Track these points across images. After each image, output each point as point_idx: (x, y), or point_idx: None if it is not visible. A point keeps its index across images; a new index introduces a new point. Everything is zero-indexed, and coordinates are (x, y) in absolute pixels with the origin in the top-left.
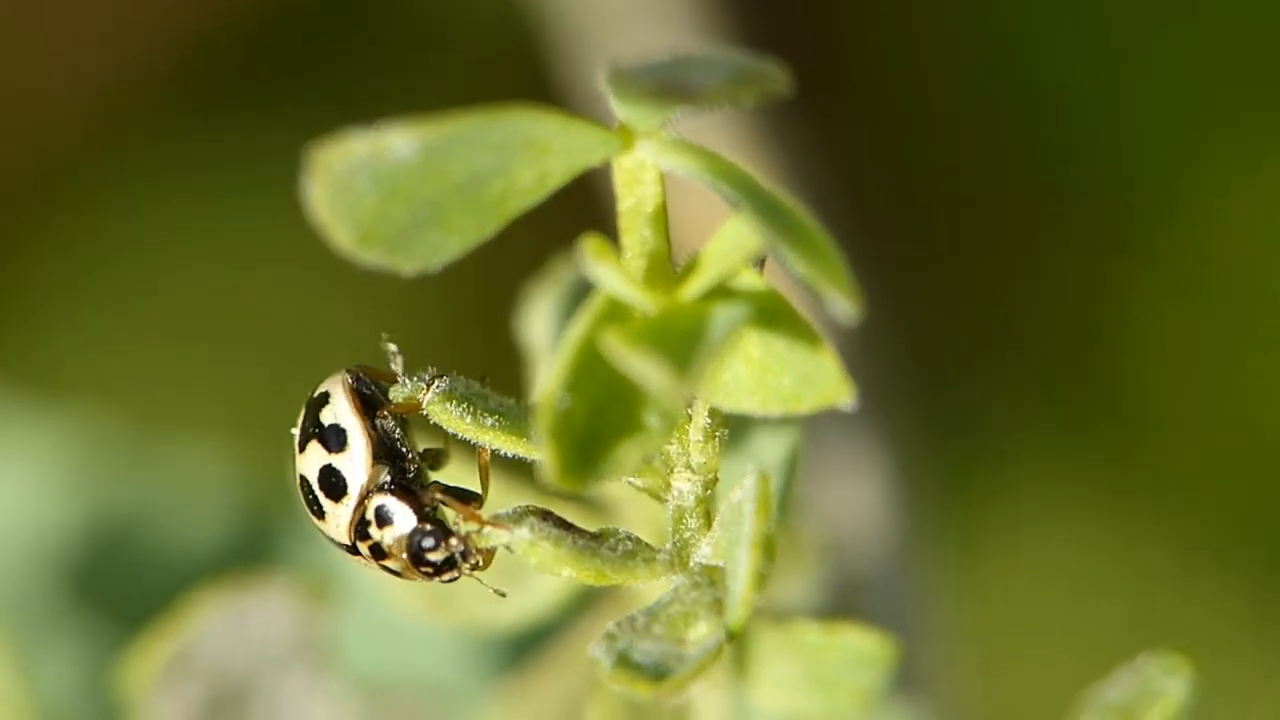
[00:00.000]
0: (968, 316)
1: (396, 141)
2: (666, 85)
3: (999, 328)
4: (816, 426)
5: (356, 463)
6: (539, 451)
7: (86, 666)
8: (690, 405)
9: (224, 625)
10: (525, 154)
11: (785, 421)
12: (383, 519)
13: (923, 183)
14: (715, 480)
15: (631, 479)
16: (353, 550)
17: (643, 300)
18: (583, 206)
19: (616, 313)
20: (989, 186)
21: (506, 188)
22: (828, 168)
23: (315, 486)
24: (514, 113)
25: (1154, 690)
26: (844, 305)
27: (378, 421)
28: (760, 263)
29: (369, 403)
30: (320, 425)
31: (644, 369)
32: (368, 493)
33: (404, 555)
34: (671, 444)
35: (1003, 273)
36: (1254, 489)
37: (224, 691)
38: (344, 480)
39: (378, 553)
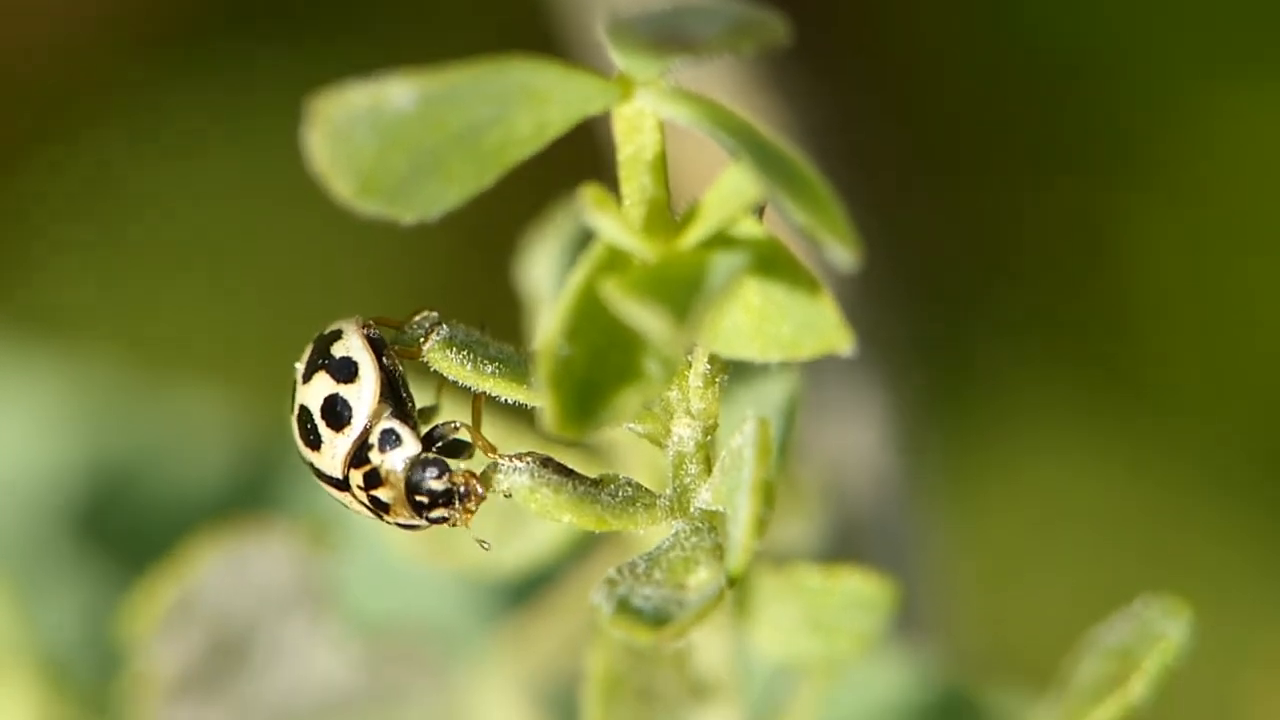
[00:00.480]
0: (963, 247)
1: (396, 92)
2: (665, 35)
3: (996, 258)
4: (815, 368)
5: (365, 392)
6: (539, 399)
7: (86, 610)
8: (690, 352)
9: (225, 571)
10: (524, 103)
11: (785, 367)
12: (386, 443)
13: (920, 115)
14: (715, 426)
15: (632, 425)
16: (341, 485)
17: (642, 248)
18: (584, 155)
19: (616, 261)
20: (985, 120)
21: (505, 137)
22: (828, 114)
23: (317, 415)
24: (513, 63)
25: (1153, 633)
26: (843, 254)
27: (384, 360)
28: (759, 211)
29: (377, 344)
30: (330, 357)
31: (643, 317)
32: (373, 420)
33: (401, 485)
34: (671, 390)
35: (999, 202)
36: (1261, 419)
37: (225, 637)
38: (350, 409)
39: (372, 480)
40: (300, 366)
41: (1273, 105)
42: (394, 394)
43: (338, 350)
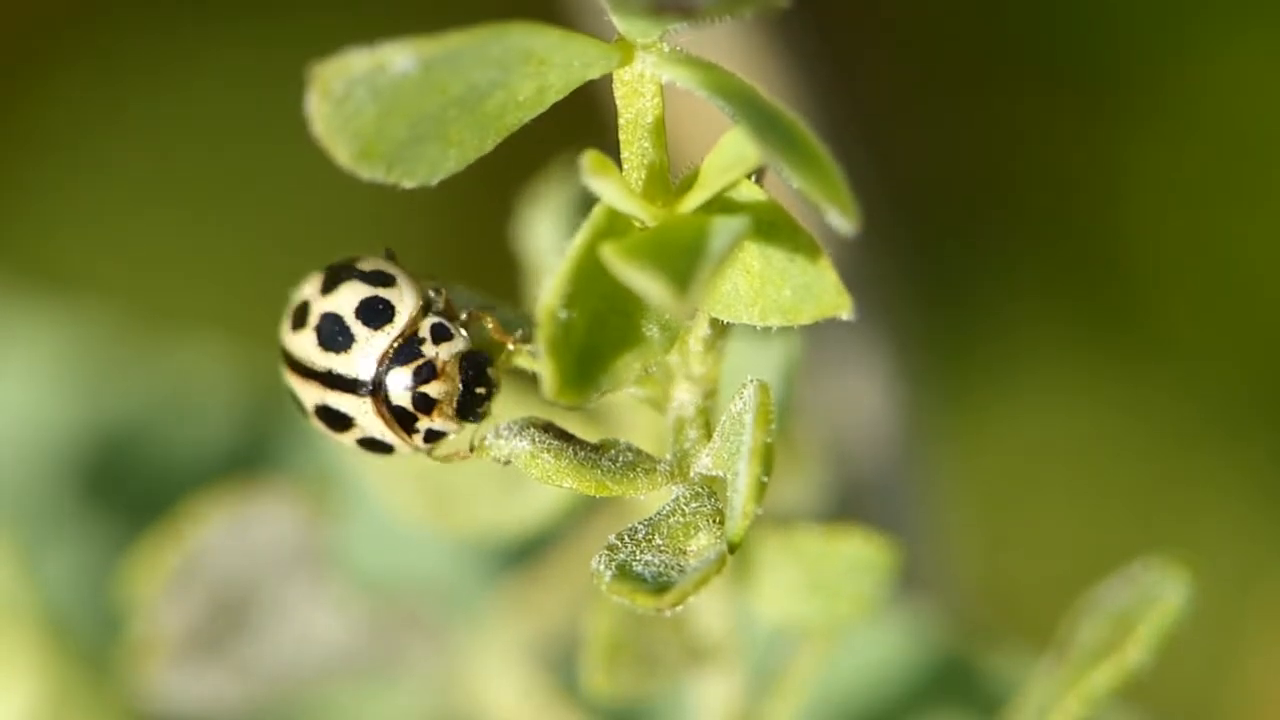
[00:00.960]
0: (960, 179)
1: (396, 57)
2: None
3: (994, 191)
4: (815, 325)
5: (406, 293)
6: (539, 364)
7: (88, 568)
8: (690, 317)
9: (227, 532)
10: (524, 68)
11: (784, 330)
12: (440, 335)
13: (918, 41)
14: (715, 390)
15: (632, 390)
16: (370, 389)
17: (642, 213)
18: (583, 120)
19: (616, 225)
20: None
21: (505, 101)
22: (830, 76)
23: (350, 317)
24: (513, 27)
25: (1151, 597)
26: (842, 219)
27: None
28: (759, 175)
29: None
30: (358, 270)
31: (643, 281)
32: (418, 317)
33: (457, 377)
34: (671, 355)
35: (998, 132)
36: (1262, 357)
37: (227, 598)
38: (392, 307)
39: (424, 375)
40: (312, 287)
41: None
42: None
43: (365, 265)
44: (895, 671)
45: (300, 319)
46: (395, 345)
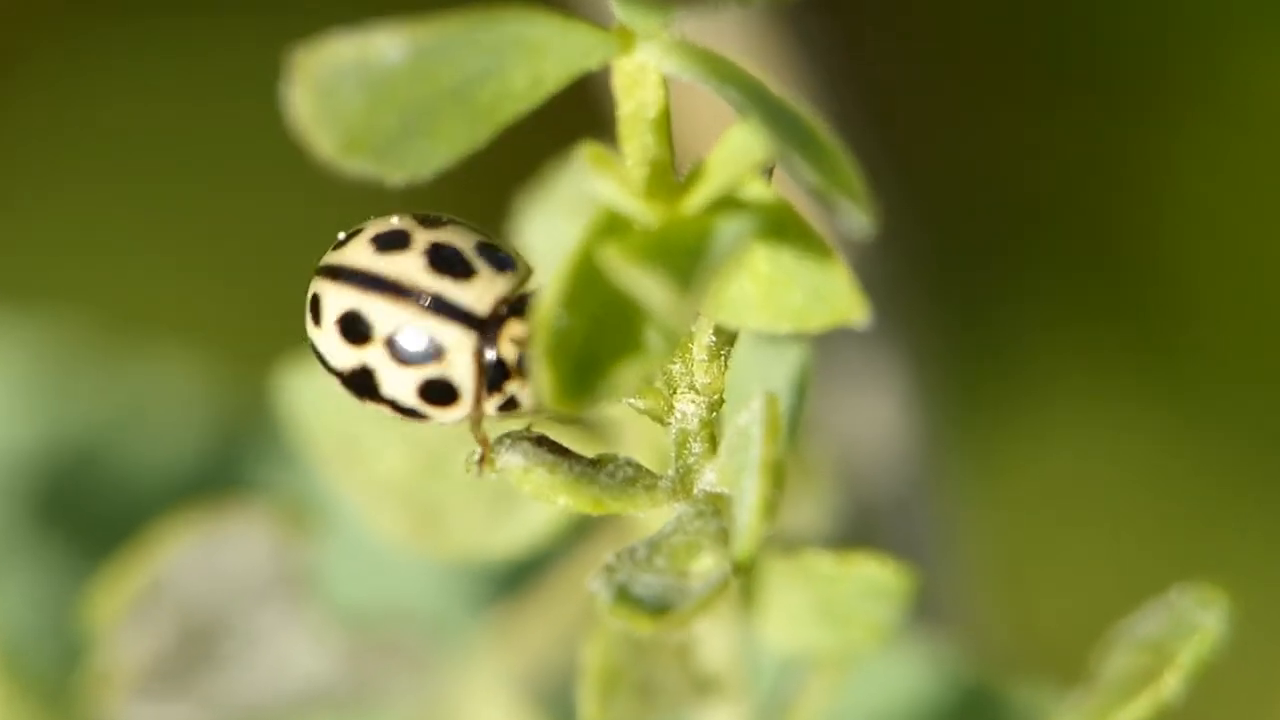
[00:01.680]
0: (986, 193)
1: (384, 44)
2: None
3: (1021, 205)
4: (828, 333)
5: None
6: (536, 372)
7: (47, 594)
8: (694, 323)
9: (196, 555)
10: (519, 57)
11: (795, 337)
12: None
13: (941, 47)
14: (721, 402)
15: (632, 401)
16: (480, 325)
17: (644, 212)
18: (581, 111)
19: (616, 226)
20: (1010, 54)
21: (499, 92)
22: (843, 58)
23: (470, 251)
24: (507, 13)
25: (1188, 624)
26: (857, 218)
27: None
28: (768, 172)
29: None
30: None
31: (645, 285)
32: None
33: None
34: (674, 364)
35: (1025, 142)
36: None
37: (195, 626)
38: (509, 257)
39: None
40: (402, 220)
41: None
42: None
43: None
44: (913, 703)
45: (396, 241)
46: (517, 294)
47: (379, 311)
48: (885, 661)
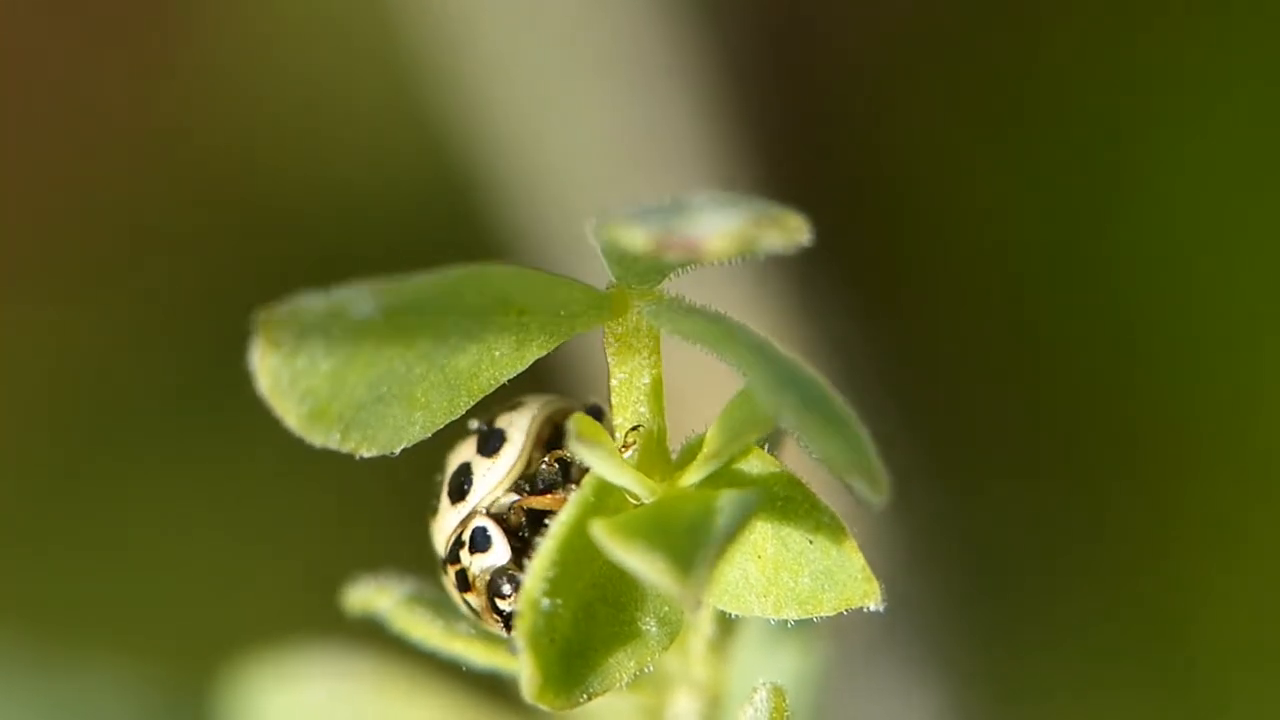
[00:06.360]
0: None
1: (355, 302)
2: (664, 236)
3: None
4: (844, 626)
5: (498, 470)
6: (518, 663)
7: None
8: (694, 609)
9: None
10: (501, 318)
11: (804, 625)
12: (476, 545)
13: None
14: (721, 698)
15: (624, 697)
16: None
17: (638, 486)
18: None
19: (608, 500)
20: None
21: (480, 357)
22: (855, 321)
23: (447, 480)
24: (488, 270)
25: None
26: (870, 492)
27: (544, 460)
28: (773, 442)
29: (550, 440)
30: (491, 424)
31: (640, 566)
32: (479, 511)
33: (485, 592)
34: (670, 656)
35: (1056, 394)
36: None
37: None
38: (471, 483)
39: (461, 583)
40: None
41: None
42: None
43: (502, 422)
44: None
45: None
46: (455, 533)
47: None
48: None
